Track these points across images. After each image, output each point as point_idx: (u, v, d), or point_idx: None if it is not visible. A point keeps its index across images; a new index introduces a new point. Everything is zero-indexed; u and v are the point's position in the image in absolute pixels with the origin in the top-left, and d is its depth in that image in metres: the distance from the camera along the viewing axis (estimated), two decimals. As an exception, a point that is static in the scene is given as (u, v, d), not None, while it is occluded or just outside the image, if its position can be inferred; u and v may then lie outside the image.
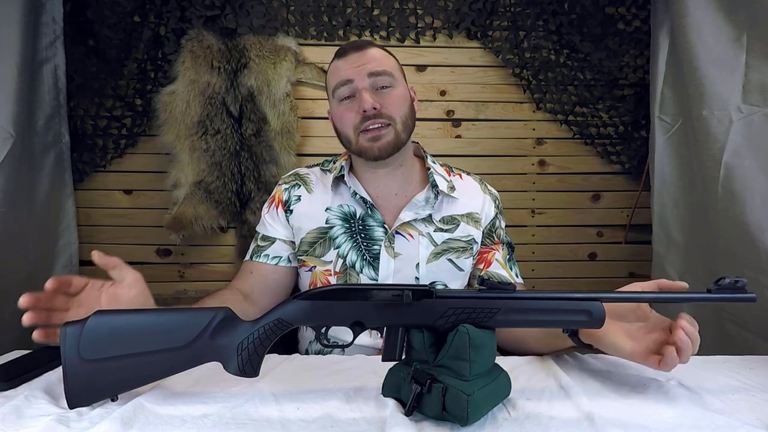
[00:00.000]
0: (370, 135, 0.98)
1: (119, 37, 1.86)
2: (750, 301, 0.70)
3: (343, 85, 0.98)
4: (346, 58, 1.00)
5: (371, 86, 0.98)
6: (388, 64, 1.01)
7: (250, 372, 0.67)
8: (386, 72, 0.99)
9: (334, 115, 1.03)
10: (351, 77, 0.97)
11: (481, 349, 0.64)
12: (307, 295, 0.70)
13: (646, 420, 0.64)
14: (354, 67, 0.98)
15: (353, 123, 0.98)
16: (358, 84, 0.97)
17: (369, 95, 0.96)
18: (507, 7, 1.98)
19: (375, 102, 0.96)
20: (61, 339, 0.65)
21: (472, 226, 1.07)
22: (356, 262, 1.02)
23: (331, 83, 1.01)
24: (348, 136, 1.01)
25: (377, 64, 0.98)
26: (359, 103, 0.97)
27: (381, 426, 0.62)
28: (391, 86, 0.99)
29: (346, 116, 0.99)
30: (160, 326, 0.67)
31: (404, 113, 1.01)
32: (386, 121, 0.98)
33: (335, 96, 1.00)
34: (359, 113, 0.97)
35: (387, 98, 0.98)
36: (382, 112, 0.97)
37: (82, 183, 1.96)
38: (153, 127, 1.93)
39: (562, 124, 2.06)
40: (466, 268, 1.07)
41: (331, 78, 1.02)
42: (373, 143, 0.98)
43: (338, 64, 1.01)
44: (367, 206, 1.04)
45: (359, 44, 1.02)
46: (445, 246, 1.04)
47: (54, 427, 0.61)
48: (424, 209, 1.04)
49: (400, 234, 1.03)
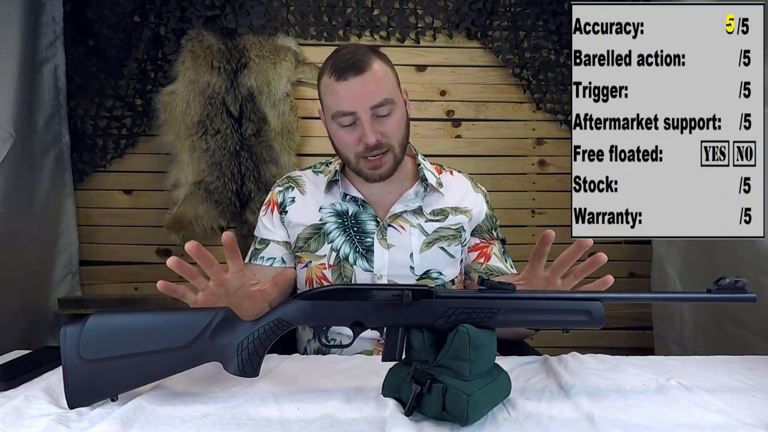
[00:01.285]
0: (371, 164, 1.00)
1: (119, 37, 1.86)
2: (750, 301, 0.70)
3: (344, 116, 0.97)
4: (345, 84, 0.94)
5: (372, 116, 0.97)
6: (387, 88, 0.97)
7: (250, 372, 0.67)
8: (386, 101, 0.96)
9: (333, 135, 1.02)
10: (353, 110, 0.95)
11: (481, 349, 0.64)
12: (307, 295, 0.70)
13: (646, 420, 0.64)
14: (355, 98, 0.95)
15: (354, 150, 0.99)
16: (360, 116, 0.96)
17: (371, 129, 0.95)
18: (507, 7, 1.98)
19: (377, 134, 0.97)
20: (61, 339, 0.65)
21: (461, 215, 1.10)
22: (349, 254, 1.04)
23: (330, 106, 0.99)
24: (348, 158, 1.02)
25: (378, 94, 0.95)
26: (361, 133, 0.97)
27: (381, 426, 0.62)
28: (391, 113, 0.98)
29: (347, 140, 0.99)
30: (160, 326, 0.67)
31: (402, 136, 1.02)
32: (386, 149, 0.99)
33: (334, 120, 0.99)
34: (362, 143, 0.97)
35: (387, 126, 0.98)
36: (382, 142, 0.98)
37: (82, 183, 1.95)
38: (153, 127, 1.93)
39: (562, 124, 2.06)
40: (456, 254, 1.09)
41: (329, 100, 0.98)
42: (374, 171, 1.01)
43: (337, 88, 0.95)
44: (359, 203, 1.07)
45: (358, 65, 0.94)
46: (436, 235, 1.07)
47: (54, 427, 0.61)
48: (414, 202, 1.08)
49: (392, 226, 1.06)
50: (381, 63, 0.98)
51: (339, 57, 0.97)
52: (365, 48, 1.00)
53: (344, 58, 0.96)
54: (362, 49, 0.99)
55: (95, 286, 2.00)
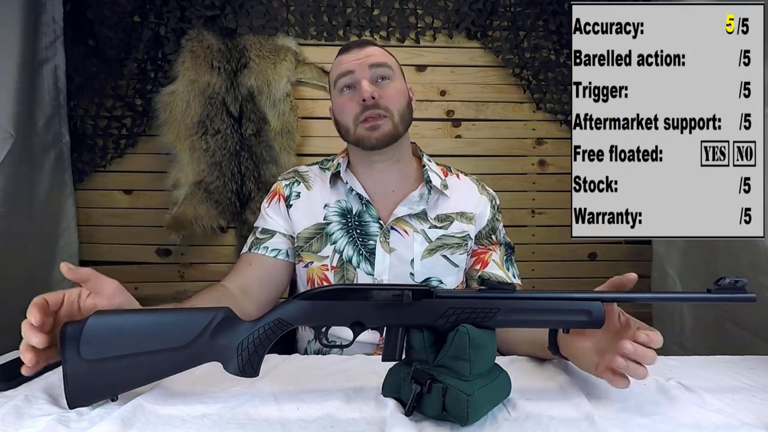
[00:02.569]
0: (369, 124, 1.01)
1: (119, 37, 1.86)
2: (750, 301, 0.70)
3: (344, 76, 1.03)
4: (348, 53, 1.05)
5: (371, 77, 1.02)
6: (388, 60, 1.06)
7: (250, 372, 0.67)
8: (386, 64, 1.04)
9: (335, 105, 1.07)
10: (352, 68, 1.02)
11: (481, 349, 0.64)
12: (307, 295, 0.70)
13: (646, 420, 0.64)
14: (355, 60, 1.03)
15: (353, 113, 1.02)
16: (358, 75, 1.02)
17: (368, 85, 1.00)
18: (507, 7, 1.98)
19: (374, 91, 1.00)
20: (60, 339, 0.65)
21: (466, 223, 1.09)
22: (352, 257, 1.04)
23: (333, 76, 1.06)
24: (347, 126, 1.04)
25: (377, 57, 1.04)
26: (359, 93, 1.01)
27: (381, 426, 0.62)
28: (390, 79, 1.04)
29: (347, 106, 1.03)
30: (160, 326, 0.67)
31: (401, 106, 1.04)
32: (384, 112, 1.01)
33: (336, 86, 1.05)
34: (359, 103, 1.01)
35: (385, 90, 1.03)
36: (380, 103, 1.01)
37: (82, 183, 1.96)
38: (153, 127, 1.93)
39: (562, 124, 2.06)
40: (460, 263, 1.08)
41: (333, 71, 1.06)
42: (371, 132, 1.01)
43: (340, 58, 1.06)
44: (363, 202, 1.06)
45: (360, 42, 1.07)
46: (440, 242, 1.06)
47: (54, 427, 0.61)
48: (419, 205, 1.06)
49: (395, 230, 1.05)
50: (384, 50, 1.08)
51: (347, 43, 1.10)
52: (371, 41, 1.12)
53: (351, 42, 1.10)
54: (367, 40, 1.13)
55: (95, 286, 2.00)
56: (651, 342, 0.64)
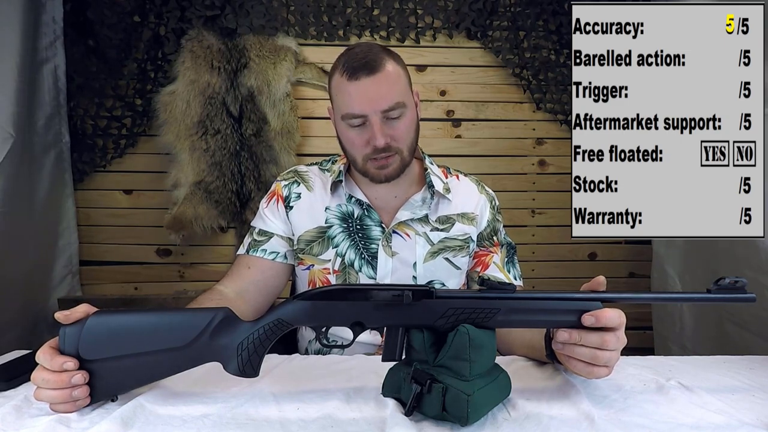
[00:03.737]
0: (378, 164, 0.98)
1: (119, 37, 1.86)
2: (750, 301, 0.70)
3: (354, 118, 0.95)
4: (357, 84, 0.93)
5: (382, 118, 0.95)
6: (399, 90, 0.96)
7: (250, 372, 0.67)
8: (398, 105, 0.95)
9: (342, 135, 1.01)
10: (364, 113, 0.94)
11: (481, 349, 0.64)
12: (307, 295, 0.70)
13: (646, 420, 0.64)
14: (366, 101, 0.93)
15: (362, 151, 0.98)
16: (370, 118, 0.95)
17: (381, 132, 0.94)
18: (507, 7, 1.99)
19: (386, 137, 0.95)
20: (60, 339, 0.65)
21: (467, 224, 1.08)
22: (354, 260, 1.03)
23: (340, 107, 0.97)
24: (354, 158, 1.00)
25: (389, 97, 0.94)
26: (370, 135, 0.95)
27: (381, 426, 0.62)
28: (401, 116, 0.97)
29: (356, 142, 0.98)
30: (160, 326, 0.67)
31: (411, 139, 1.01)
32: (394, 152, 0.98)
33: (344, 120, 0.97)
34: (370, 145, 0.96)
35: (397, 129, 0.96)
36: (391, 146, 0.97)
37: (82, 183, 1.96)
38: (153, 127, 1.93)
39: (562, 124, 2.06)
40: (462, 266, 1.08)
41: (340, 100, 0.96)
42: (381, 171, 0.99)
43: (349, 88, 0.94)
44: (364, 207, 1.05)
45: (371, 65, 0.93)
46: (442, 245, 1.05)
47: (54, 427, 0.61)
48: (421, 209, 1.05)
49: (397, 233, 1.04)
50: (394, 64, 0.97)
51: (352, 56, 0.95)
52: (379, 48, 0.97)
53: (357, 57, 0.94)
54: (375, 49, 0.96)
55: (95, 286, 2.01)
56: (596, 323, 0.66)
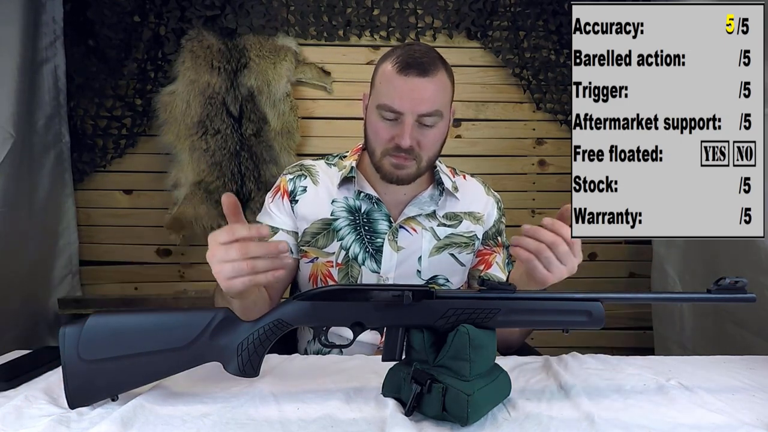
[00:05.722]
0: (395, 161, 0.97)
1: (119, 37, 1.86)
2: (750, 301, 0.70)
3: (390, 111, 0.94)
4: (405, 80, 0.92)
5: (416, 121, 0.94)
6: (441, 101, 0.96)
7: (250, 372, 0.67)
8: (436, 113, 0.95)
9: (370, 123, 1.00)
10: (402, 110, 0.93)
11: (481, 349, 0.64)
12: (307, 295, 0.70)
13: (646, 420, 0.64)
14: (408, 100, 0.93)
15: (384, 144, 0.97)
16: (405, 117, 0.94)
17: (410, 134, 0.94)
18: (507, 7, 1.99)
19: (414, 140, 0.95)
20: (60, 339, 0.65)
21: (474, 223, 1.09)
22: (359, 254, 1.03)
23: (380, 95, 0.96)
24: (374, 148, 0.99)
25: (430, 104, 0.94)
26: (398, 133, 0.94)
27: (381, 426, 0.62)
28: (434, 125, 0.96)
29: (382, 134, 0.97)
30: (160, 326, 0.67)
31: (435, 151, 1.00)
32: (414, 157, 0.97)
33: (378, 109, 0.96)
34: (394, 141, 0.95)
35: (426, 136, 0.96)
36: (414, 149, 0.96)
37: (82, 183, 1.96)
38: (153, 127, 1.93)
39: (562, 124, 2.06)
40: (466, 263, 1.08)
41: (382, 89, 0.96)
42: (395, 170, 0.98)
43: (395, 81, 0.93)
44: (374, 201, 1.05)
45: (425, 67, 0.93)
46: (448, 240, 1.06)
47: (54, 427, 0.61)
48: (429, 206, 1.06)
49: (404, 228, 1.04)
50: (445, 74, 0.98)
51: (409, 51, 0.95)
52: (436, 54, 0.98)
53: (414, 55, 0.94)
54: (433, 54, 0.97)
55: (95, 286, 2.01)
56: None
